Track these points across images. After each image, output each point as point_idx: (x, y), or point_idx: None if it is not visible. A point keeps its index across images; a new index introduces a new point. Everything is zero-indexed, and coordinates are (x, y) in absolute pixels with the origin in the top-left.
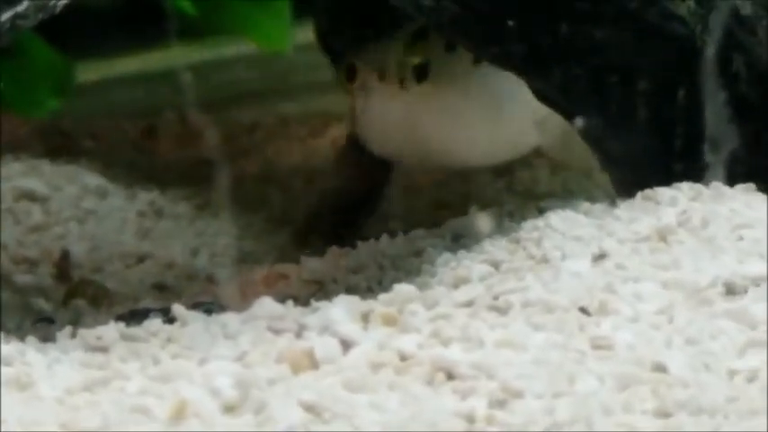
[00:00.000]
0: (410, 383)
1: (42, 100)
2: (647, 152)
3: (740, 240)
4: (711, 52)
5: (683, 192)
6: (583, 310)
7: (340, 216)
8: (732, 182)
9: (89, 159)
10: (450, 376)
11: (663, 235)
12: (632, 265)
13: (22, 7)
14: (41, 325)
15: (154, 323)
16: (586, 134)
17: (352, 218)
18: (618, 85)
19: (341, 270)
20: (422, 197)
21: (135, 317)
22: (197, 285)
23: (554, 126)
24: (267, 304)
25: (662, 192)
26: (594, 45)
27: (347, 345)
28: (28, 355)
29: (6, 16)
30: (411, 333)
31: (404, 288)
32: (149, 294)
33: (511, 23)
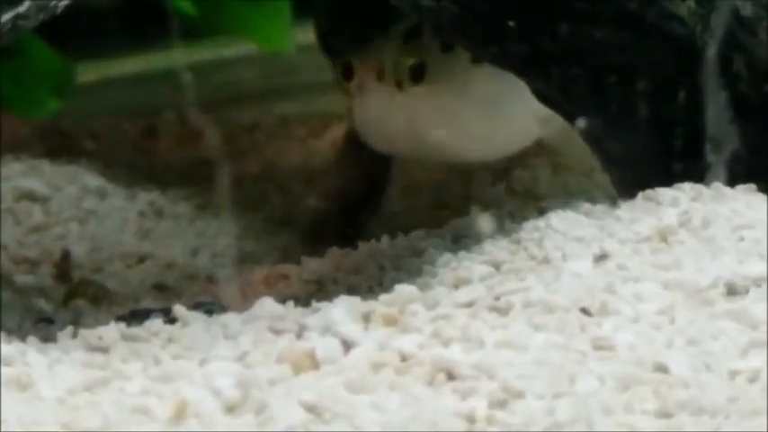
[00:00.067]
0: (411, 384)
1: (42, 100)
2: (648, 152)
3: (741, 241)
4: (712, 53)
5: (684, 192)
6: (584, 311)
7: (346, 216)
8: (733, 182)
9: (89, 159)
10: (450, 376)
11: (664, 235)
12: (633, 266)
13: (24, 8)
14: (42, 325)
15: (155, 323)
16: (587, 134)
17: (357, 217)
18: (618, 86)
19: (341, 270)
20: (422, 197)
21: (136, 317)
22: (197, 286)
23: (558, 122)
24: (268, 305)
25: (663, 192)
26: (594, 45)
27: (348, 345)
28: (29, 356)
29: (7, 17)
30: (412, 333)
31: (404, 288)
32: (149, 295)
33: (510, 24)
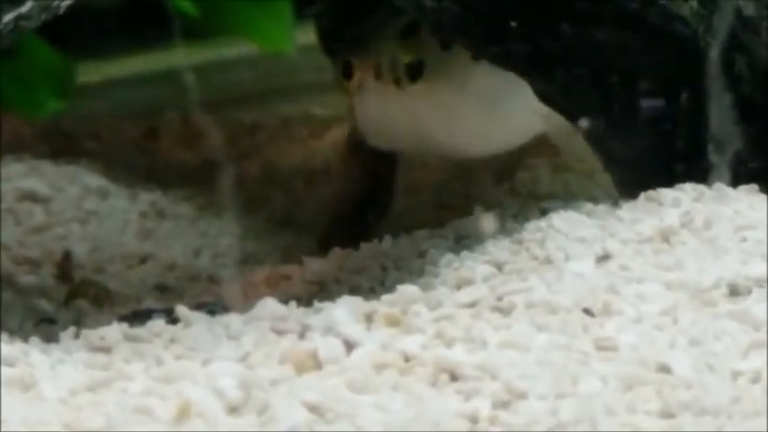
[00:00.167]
0: (414, 384)
1: (43, 101)
2: (649, 153)
3: (743, 241)
4: (715, 53)
5: (686, 193)
6: (586, 311)
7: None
8: (736, 183)
9: (91, 160)
10: (453, 377)
11: (666, 236)
12: (635, 266)
13: (26, 8)
14: (44, 325)
15: (157, 324)
16: (589, 135)
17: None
18: (620, 86)
19: (344, 271)
20: (424, 198)
21: (138, 317)
22: (199, 286)
23: (559, 118)
24: (270, 305)
25: (665, 193)
26: (596, 46)
27: (350, 345)
28: (31, 356)
29: (10, 17)
30: (414, 334)
31: (407, 289)
32: (151, 295)
33: (512, 24)
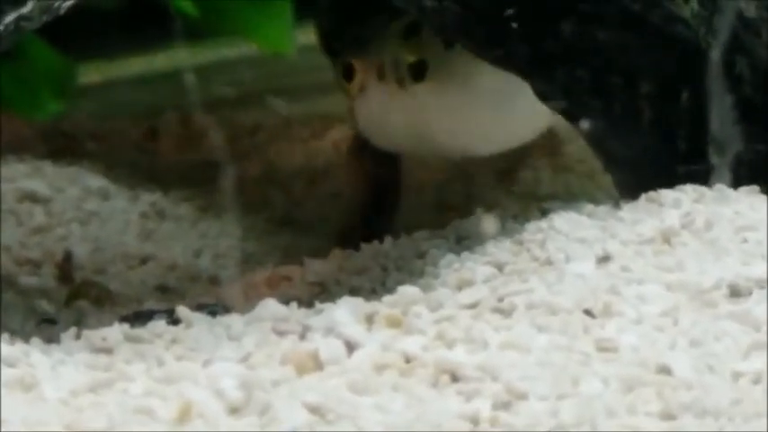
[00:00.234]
0: (414, 385)
1: (44, 101)
2: (650, 154)
3: (744, 242)
4: (716, 54)
5: (687, 194)
6: (587, 312)
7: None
8: (737, 184)
9: (91, 161)
10: (454, 378)
11: (667, 237)
12: (636, 267)
13: (27, 9)
14: (44, 326)
15: (158, 325)
16: (589, 136)
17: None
18: (621, 87)
19: (344, 272)
20: (425, 198)
21: (139, 318)
22: (200, 287)
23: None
24: (271, 306)
25: (665, 194)
26: (597, 47)
27: (351, 346)
28: (32, 357)
29: (11, 18)
30: (415, 335)
31: (408, 290)
32: (152, 296)
33: (513, 25)
